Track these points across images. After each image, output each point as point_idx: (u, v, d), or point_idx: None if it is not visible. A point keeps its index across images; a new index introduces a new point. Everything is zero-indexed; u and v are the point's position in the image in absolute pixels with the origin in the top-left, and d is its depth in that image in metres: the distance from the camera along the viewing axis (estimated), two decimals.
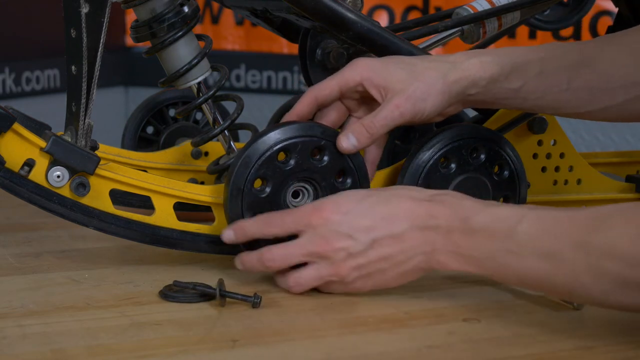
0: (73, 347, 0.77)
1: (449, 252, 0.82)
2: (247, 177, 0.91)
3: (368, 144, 0.93)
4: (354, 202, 0.86)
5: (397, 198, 0.86)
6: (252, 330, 0.82)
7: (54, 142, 0.92)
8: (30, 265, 1.00)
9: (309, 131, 0.92)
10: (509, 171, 1.01)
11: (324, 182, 0.93)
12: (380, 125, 0.92)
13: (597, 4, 2.04)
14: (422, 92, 0.92)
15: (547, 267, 0.77)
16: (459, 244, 0.82)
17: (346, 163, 0.94)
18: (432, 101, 0.93)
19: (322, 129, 0.93)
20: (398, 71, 0.93)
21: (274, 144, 0.91)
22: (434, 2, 2.47)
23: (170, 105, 1.26)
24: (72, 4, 0.92)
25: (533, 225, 0.78)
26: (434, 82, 0.92)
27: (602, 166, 1.22)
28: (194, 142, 1.06)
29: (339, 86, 0.94)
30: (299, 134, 0.92)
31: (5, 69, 2.29)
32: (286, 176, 0.92)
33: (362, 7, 1.05)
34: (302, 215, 0.87)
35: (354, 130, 0.93)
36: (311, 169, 0.93)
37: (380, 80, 0.93)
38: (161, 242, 0.97)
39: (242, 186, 0.91)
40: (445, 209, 0.83)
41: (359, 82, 0.93)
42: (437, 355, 0.77)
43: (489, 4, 1.10)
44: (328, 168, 0.93)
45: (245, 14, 1.16)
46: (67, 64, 0.94)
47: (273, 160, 0.91)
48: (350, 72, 0.94)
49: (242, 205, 0.92)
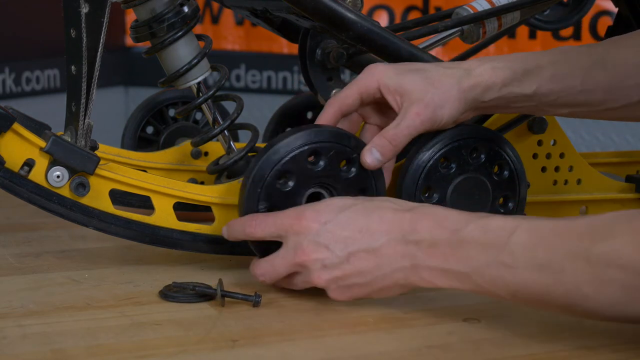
0: (73, 347, 0.77)
1: (433, 267, 0.79)
2: (274, 167, 0.90)
3: (392, 157, 0.93)
4: (334, 212, 0.84)
5: (378, 210, 0.83)
6: (252, 330, 0.82)
7: (54, 142, 0.92)
8: (30, 265, 1.00)
9: (344, 140, 0.92)
10: (509, 171, 1.01)
11: (343, 194, 0.92)
12: (404, 135, 0.92)
13: (597, 4, 2.04)
14: (439, 99, 0.92)
15: (544, 279, 0.74)
16: (445, 257, 0.79)
17: (369, 182, 0.93)
18: (449, 108, 0.93)
19: (357, 142, 0.93)
20: (413, 78, 0.93)
21: (309, 142, 0.90)
22: (434, 2, 2.46)
23: (170, 105, 1.26)
24: (72, 4, 0.92)
25: (528, 236, 0.75)
26: (450, 89, 0.92)
27: (602, 166, 1.22)
28: (194, 142, 1.06)
29: (359, 93, 0.94)
30: (334, 140, 0.91)
31: (5, 69, 2.29)
32: (311, 177, 0.91)
33: (362, 7, 1.05)
34: (283, 219, 0.86)
35: (376, 145, 0.92)
36: (336, 177, 0.92)
37: (396, 86, 0.92)
38: (161, 242, 0.97)
39: (267, 175, 0.90)
40: (429, 221, 0.81)
41: (377, 88, 0.93)
42: (437, 355, 0.77)
43: (489, 4, 1.10)
44: (352, 182, 0.92)
45: (245, 14, 1.16)
46: (67, 64, 0.94)
47: (304, 158, 0.90)
48: (368, 78, 0.93)
49: (260, 193, 0.90)
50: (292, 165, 0.90)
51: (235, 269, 0.98)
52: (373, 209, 0.84)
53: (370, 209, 0.84)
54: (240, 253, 0.98)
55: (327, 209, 0.85)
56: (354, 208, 0.84)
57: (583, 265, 0.72)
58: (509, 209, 1.01)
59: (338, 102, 0.94)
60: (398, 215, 0.82)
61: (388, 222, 0.82)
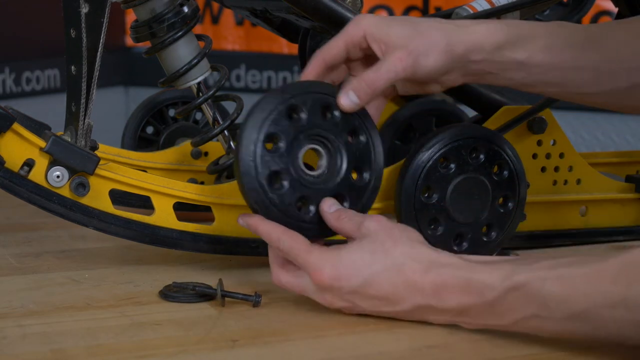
0: (73, 347, 0.77)
1: (468, 322, 0.80)
2: (258, 135, 0.86)
3: (369, 101, 0.89)
4: (353, 270, 0.82)
5: (396, 271, 0.82)
6: (252, 330, 0.82)
7: (54, 142, 0.92)
8: (30, 265, 1.00)
9: (317, 88, 0.88)
10: (509, 171, 1.01)
11: (337, 142, 0.89)
12: (383, 79, 0.88)
13: (597, 4, 2.04)
14: (424, 47, 0.88)
15: (584, 328, 0.75)
16: (479, 316, 0.79)
17: (358, 122, 0.90)
18: (435, 58, 0.89)
19: (331, 87, 0.89)
20: (400, 27, 0.89)
21: (283, 101, 0.87)
22: (434, 2, 2.46)
23: (170, 105, 1.26)
24: (72, 4, 0.92)
25: (560, 287, 0.75)
26: (438, 41, 0.89)
27: (602, 166, 1.22)
28: (194, 142, 1.06)
29: (345, 44, 0.89)
30: (306, 91, 0.88)
31: (5, 69, 2.29)
32: (298, 134, 0.87)
33: (362, 7, 1.05)
34: (304, 263, 0.84)
35: (354, 87, 0.88)
36: (323, 126, 0.88)
37: (382, 35, 0.89)
38: (161, 242, 0.97)
39: (254, 146, 0.86)
40: (453, 289, 0.80)
41: (362, 37, 0.89)
42: (437, 355, 0.77)
43: (488, 4, 1.10)
44: (340, 127, 0.89)
45: (245, 14, 1.16)
46: (67, 64, 0.94)
47: (283, 117, 0.86)
48: (353, 27, 0.89)
49: (256, 168, 0.85)
50: (275, 127, 0.86)
51: (235, 269, 0.98)
52: (392, 268, 0.82)
53: (390, 269, 0.82)
54: (240, 253, 0.99)
55: (346, 266, 0.83)
56: (375, 268, 0.82)
57: (622, 312, 0.72)
58: (509, 209, 1.01)
59: (322, 53, 0.90)
60: (419, 282, 0.81)
61: (411, 289, 0.81)
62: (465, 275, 0.79)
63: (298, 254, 0.84)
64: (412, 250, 0.83)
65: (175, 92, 1.25)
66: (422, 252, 0.83)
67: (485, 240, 1.01)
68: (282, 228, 0.86)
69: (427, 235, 0.99)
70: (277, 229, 0.86)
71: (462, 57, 0.90)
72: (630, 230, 1.14)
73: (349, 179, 0.90)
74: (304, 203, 0.88)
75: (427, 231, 0.99)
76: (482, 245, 1.01)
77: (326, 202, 0.88)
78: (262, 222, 0.86)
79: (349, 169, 0.90)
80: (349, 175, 0.90)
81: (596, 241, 1.13)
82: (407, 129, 1.26)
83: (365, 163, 0.91)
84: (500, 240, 1.02)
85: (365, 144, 0.91)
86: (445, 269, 0.81)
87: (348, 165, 0.89)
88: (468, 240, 1.01)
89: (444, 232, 1.00)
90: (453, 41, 0.89)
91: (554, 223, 1.11)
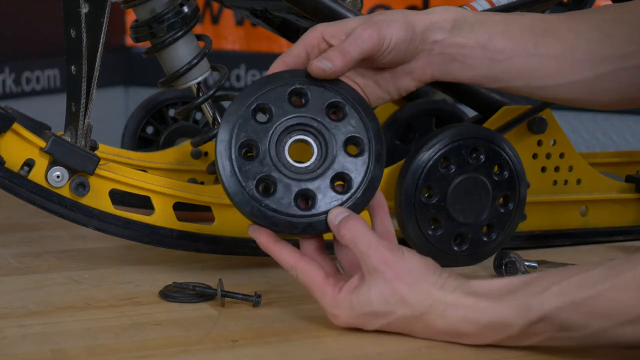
0: (73, 347, 0.77)
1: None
2: (230, 153, 0.82)
3: (343, 69, 0.85)
4: (370, 319, 0.81)
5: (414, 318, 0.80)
6: (252, 330, 0.82)
7: (54, 142, 0.92)
8: (30, 265, 1.00)
9: (279, 80, 0.85)
10: (509, 171, 1.01)
11: (319, 123, 0.84)
12: (353, 46, 0.85)
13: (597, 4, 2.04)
14: (385, 20, 0.87)
15: (606, 339, 0.75)
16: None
17: (336, 95, 0.85)
18: (397, 29, 0.86)
19: (291, 73, 0.85)
20: (357, 19, 0.89)
21: (253, 100, 0.83)
22: (433, 2, 2.47)
23: (170, 105, 1.26)
24: (72, 4, 0.92)
25: (575, 315, 0.75)
26: (397, 17, 0.87)
27: (602, 166, 1.22)
28: (194, 142, 1.06)
29: (304, 46, 0.88)
30: (271, 85, 0.84)
31: (5, 69, 2.29)
32: (273, 130, 0.83)
33: (362, 7, 1.05)
34: (318, 301, 0.82)
35: (326, 56, 0.85)
36: (297, 114, 0.84)
37: (339, 27, 0.87)
38: (161, 242, 0.97)
39: (231, 146, 0.82)
40: (467, 333, 0.79)
41: (319, 37, 0.88)
42: (437, 355, 0.77)
43: (488, 4, 1.10)
44: (317, 104, 0.84)
45: (245, 14, 1.16)
46: (67, 64, 0.94)
47: (253, 116, 0.83)
48: (310, 32, 0.89)
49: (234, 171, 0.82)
50: (246, 134, 0.82)
51: (235, 269, 0.98)
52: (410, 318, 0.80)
53: (409, 318, 0.80)
54: (240, 253, 0.99)
55: (361, 321, 0.81)
56: (393, 319, 0.80)
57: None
58: (509, 209, 1.01)
59: (283, 56, 0.89)
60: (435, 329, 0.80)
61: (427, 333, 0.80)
62: (477, 319, 0.78)
63: (311, 291, 0.83)
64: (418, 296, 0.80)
65: (175, 92, 1.25)
66: (430, 296, 0.80)
67: (486, 240, 1.01)
68: (294, 257, 0.83)
69: (428, 235, 1.00)
70: (289, 259, 0.83)
71: (423, 34, 0.88)
72: (630, 230, 1.14)
73: (344, 156, 0.84)
74: (305, 197, 0.83)
75: (427, 231, 0.99)
76: (482, 245, 1.01)
77: (332, 212, 0.83)
78: (274, 246, 0.84)
79: (343, 144, 0.84)
80: (344, 151, 0.84)
81: (596, 241, 1.13)
82: (407, 129, 1.26)
83: (359, 131, 0.85)
84: (501, 240, 1.02)
85: (352, 113, 0.85)
86: (453, 312, 0.79)
87: (339, 141, 0.84)
88: (468, 241, 1.01)
89: (444, 232, 1.00)
90: (411, 19, 0.88)
91: (554, 223, 1.11)
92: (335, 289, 0.82)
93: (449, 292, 0.79)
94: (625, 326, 0.73)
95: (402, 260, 0.81)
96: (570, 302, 0.74)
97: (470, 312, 0.78)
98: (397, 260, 0.80)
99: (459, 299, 0.79)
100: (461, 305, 0.78)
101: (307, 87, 0.85)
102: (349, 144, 0.84)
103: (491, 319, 0.77)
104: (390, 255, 0.80)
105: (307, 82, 0.85)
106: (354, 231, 0.81)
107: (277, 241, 0.84)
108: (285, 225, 0.82)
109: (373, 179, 0.84)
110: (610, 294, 0.73)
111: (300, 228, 0.82)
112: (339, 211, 0.83)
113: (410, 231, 0.99)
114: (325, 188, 0.83)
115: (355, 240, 0.81)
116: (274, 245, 0.84)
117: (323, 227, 0.83)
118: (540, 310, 0.75)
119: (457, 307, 0.78)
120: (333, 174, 0.83)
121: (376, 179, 0.84)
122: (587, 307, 0.74)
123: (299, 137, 0.84)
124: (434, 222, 1.00)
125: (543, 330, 0.76)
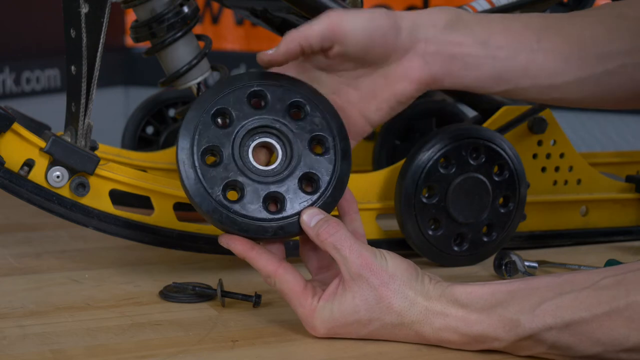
0: (73, 347, 0.77)
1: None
2: (193, 160, 0.80)
3: (284, 54, 0.82)
4: (351, 329, 0.79)
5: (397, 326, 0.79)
6: (252, 330, 0.82)
7: (54, 142, 0.92)
8: (30, 265, 1.00)
9: (237, 83, 0.82)
10: (509, 171, 1.01)
11: (281, 124, 0.82)
12: (297, 34, 0.82)
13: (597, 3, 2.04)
14: (358, 10, 0.83)
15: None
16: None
17: (295, 95, 0.82)
18: (367, 20, 0.82)
19: (249, 75, 0.83)
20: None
21: (213, 105, 0.82)
22: (433, 2, 2.47)
23: (170, 105, 1.26)
24: (72, 4, 0.92)
25: (568, 338, 0.74)
26: (376, 10, 0.83)
27: (602, 166, 1.22)
28: None
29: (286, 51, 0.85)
30: (229, 89, 0.82)
31: (5, 69, 2.29)
32: (235, 135, 0.81)
33: (362, 7, 1.05)
34: (295, 311, 0.81)
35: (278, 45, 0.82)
36: (258, 117, 0.82)
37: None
38: (161, 242, 0.97)
39: (194, 151, 0.80)
40: (456, 343, 0.78)
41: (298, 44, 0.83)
42: (437, 355, 0.77)
43: (488, 4, 1.10)
44: (275, 108, 0.82)
45: (245, 14, 1.16)
46: (67, 64, 0.94)
47: (214, 120, 0.81)
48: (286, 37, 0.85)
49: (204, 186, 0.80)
50: (207, 140, 0.80)
51: (235, 269, 0.98)
52: (395, 327, 0.79)
53: (393, 327, 0.79)
54: None
55: (343, 330, 0.79)
56: (375, 328, 0.79)
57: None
58: (509, 209, 1.01)
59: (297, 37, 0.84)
60: (423, 337, 0.79)
61: (415, 339, 0.79)
62: (467, 332, 0.77)
63: (289, 301, 0.80)
64: (404, 304, 0.78)
65: (175, 92, 1.25)
66: (416, 304, 0.78)
67: (486, 240, 1.01)
68: (273, 264, 0.80)
69: (428, 235, 1.00)
70: (268, 266, 0.80)
71: (412, 32, 0.83)
72: (630, 230, 1.14)
73: (310, 155, 0.82)
74: (274, 200, 0.81)
75: (427, 231, 0.99)
76: (482, 245, 1.01)
77: (306, 213, 0.80)
78: (251, 252, 0.81)
79: (308, 143, 0.82)
80: (310, 151, 0.82)
81: (596, 241, 1.13)
82: (407, 129, 1.26)
83: (323, 130, 0.82)
84: (501, 240, 1.02)
85: (314, 112, 0.83)
86: (442, 323, 0.77)
87: (304, 141, 0.82)
88: (468, 241, 1.01)
89: (444, 233, 1.00)
90: (396, 14, 0.83)
91: (554, 223, 1.11)
92: (314, 299, 0.79)
93: (434, 300, 0.78)
94: (620, 353, 0.72)
95: (386, 265, 0.78)
96: (563, 324, 0.73)
97: (460, 324, 0.77)
98: (380, 265, 0.78)
99: (446, 309, 0.77)
100: (450, 316, 0.77)
101: (266, 88, 0.83)
102: (314, 143, 0.83)
103: (482, 333, 0.76)
104: (373, 261, 0.78)
105: (265, 83, 0.83)
106: (337, 236, 0.78)
107: (254, 247, 0.81)
108: (255, 230, 0.80)
109: (341, 177, 0.82)
110: (604, 321, 0.72)
111: (271, 232, 0.80)
112: (314, 212, 0.80)
113: (410, 231, 0.99)
114: (294, 189, 0.81)
115: (338, 246, 0.78)
116: (251, 252, 0.81)
117: (295, 229, 0.80)
118: (532, 328, 0.74)
119: (445, 317, 0.77)
120: (300, 175, 0.81)
121: (344, 177, 0.82)
122: (581, 330, 0.73)
123: (262, 140, 0.82)
124: (434, 222, 1.00)
125: (532, 347, 0.75)
